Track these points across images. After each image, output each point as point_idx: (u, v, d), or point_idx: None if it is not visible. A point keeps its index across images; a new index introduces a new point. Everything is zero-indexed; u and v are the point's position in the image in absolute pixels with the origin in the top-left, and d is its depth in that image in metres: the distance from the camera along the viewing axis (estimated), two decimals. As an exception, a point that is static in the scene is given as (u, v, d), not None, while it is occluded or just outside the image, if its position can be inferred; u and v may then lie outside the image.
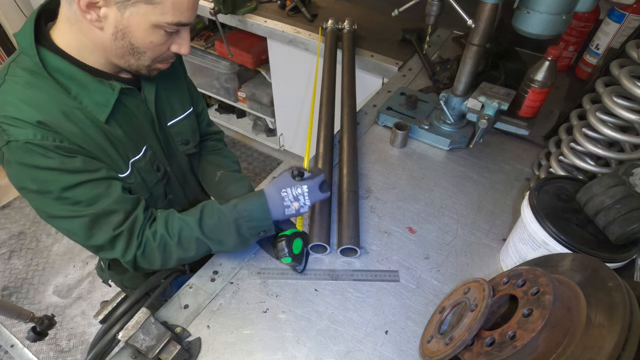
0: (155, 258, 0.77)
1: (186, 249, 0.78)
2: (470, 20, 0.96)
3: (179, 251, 0.78)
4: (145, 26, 0.67)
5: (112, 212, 0.74)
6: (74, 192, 0.70)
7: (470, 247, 0.92)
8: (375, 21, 1.83)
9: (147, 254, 0.77)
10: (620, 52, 0.91)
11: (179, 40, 0.74)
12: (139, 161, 0.83)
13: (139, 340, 0.66)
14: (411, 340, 0.76)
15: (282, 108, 2.34)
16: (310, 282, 0.85)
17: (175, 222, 0.78)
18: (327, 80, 1.34)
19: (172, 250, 0.77)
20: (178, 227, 0.77)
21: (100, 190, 0.73)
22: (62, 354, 1.90)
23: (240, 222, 0.78)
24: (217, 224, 0.78)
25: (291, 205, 0.79)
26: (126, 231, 0.74)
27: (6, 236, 2.38)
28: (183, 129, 0.94)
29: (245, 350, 0.75)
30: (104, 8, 0.64)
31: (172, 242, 0.76)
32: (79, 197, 0.71)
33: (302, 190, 0.79)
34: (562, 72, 1.47)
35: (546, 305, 0.55)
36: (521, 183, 1.08)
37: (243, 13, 1.86)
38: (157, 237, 0.76)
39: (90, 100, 0.73)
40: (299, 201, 0.80)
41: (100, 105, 0.74)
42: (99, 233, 0.73)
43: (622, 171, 0.74)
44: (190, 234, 0.77)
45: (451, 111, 1.14)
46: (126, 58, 0.72)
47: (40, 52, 0.69)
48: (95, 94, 0.73)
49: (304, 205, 0.80)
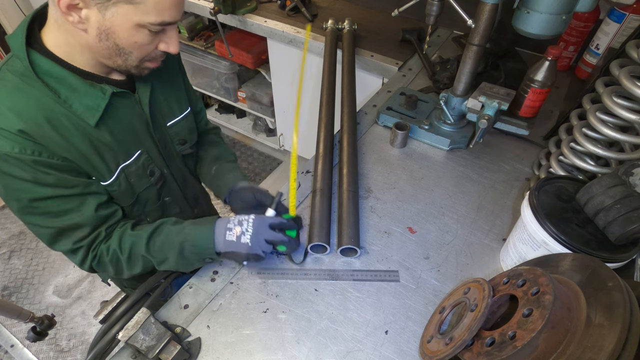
0: (108, 270, 0.82)
1: (133, 265, 0.81)
2: (470, 20, 0.96)
3: (127, 266, 0.81)
4: (128, 26, 0.65)
5: (78, 227, 0.76)
6: (44, 203, 0.72)
7: (470, 247, 0.92)
8: (375, 21, 1.83)
9: (101, 266, 0.81)
10: (620, 52, 0.91)
11: (166, 38, 0.72)
12: (130, 166, 0.82)
13: (139, 340, 0.66)
14: (411, 340, 0.76)
15: (282, 108, 2.34)
16: (310, 282, 0.85)
17: (128, 238, 0.80)
18: (327, 80, 1.33)
19: (123, 265, 0.81)
20: (129, 243, 0.80)
21: (72, 205, 0.74)
22: (62, 354, 1.90)
23: (185, 245, 0.78)
24: (164, 242, 0.79)
25: (233, 229, 0.76)
26: (86, 246, 0.78)
27: (6, 236, 2.38)
28: (181, 130, 0.94)
29: (245, 350, 0.75)
30: (85, 10, 0.62)
31: (122, 257, 0.80)
32: (47, 209, 0.72)
33: (249, 217, 0.78)
34: (562, 72, 1.47)
35: (546, 305, 0.55)
36: (521, 183, 1.08)
37: (243, 13, 1.86)
38: (110, 252, 0.80)
39: (80, 104, 0.72)
40: (242, 226, 0.76)
41: (90, 109, 0.73)
42: (61, 242, 0.77)
43: (622, 171, 0.74)
44: (138, 251, 0.80)
45: (451, 111, 1.14)
46: (114, 59, 0.71)
47: (31, 54, 0.68)
48: (86, 97, 0.72)
49: (245, 232, 0.76)
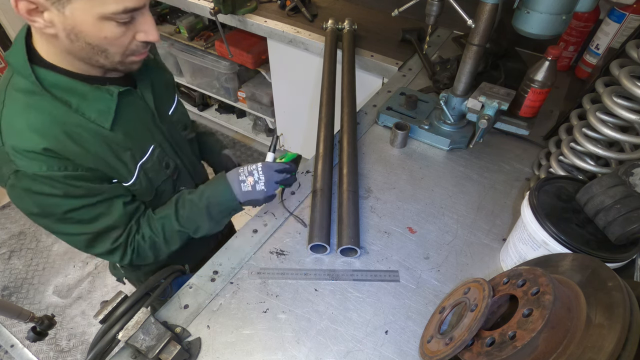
0: (147, 257, 0.86)
1: (171, 243, 0.86)
2: (470, 20, 0.96)
3: (165, 245, 0.86)
4: (91, 22, 0.61)
5: (112, 228, 0.79)
6: (77, 213, 0.74)
7: (470, 247, 0.92)
8: (375, 21, 1.83)
9: (141, 255, 0.85)
10: (620, 52, 0.91)
11: (142, 27, 0.67)
12: (147, 162, 0.84)
13: (139, 340, 0.66)
14: (411, 340, 0.76)
15: (282, 108, 2.34)
16: (310, 282, 0.85)
17: (156, 221, 0.85)
18: (327, 80, 1.33)
19: (161, 246, 0.86)
20: (160, 225, 0.84)
21: (102, 209, 0.77)
22: (62, 354, 1.90)
23: (210, 208, 0.84)
24: (191, 212, 0.84)
25: (246, 179, 0.84)
26: (123, 244, 0.82)
27: (6, 236, 2.38)
28: (181, 116, 0.97)
29: (245, 350, 0.75)
30: (46, 12, 0.60)
31: (159, 239, 0.85)
32: (81, 217, 0.74)
33: (257, 167, 0.85)
34: (562, 72, 1.47)
35: (546, 305, 0.55)
36: (521, 183, 1.08)
37: (243, 13, 1.86)
38: (146, 239, 0.84)
39: (92, 110, 0.72)
40: (254, 176, 0.84)
41: (103, 113, 0.73)
42: (99, 246, 0.80)
43: (622, 171, 0.74)
44: (171, 228, 0.85)
45: (451, 111, 1.14)
46: (95, 58, 0.68)
47: (34, 70, 0.67)
48: (95, 102, 0.72)
49: (258, 180, 0.84)
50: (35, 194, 0.69)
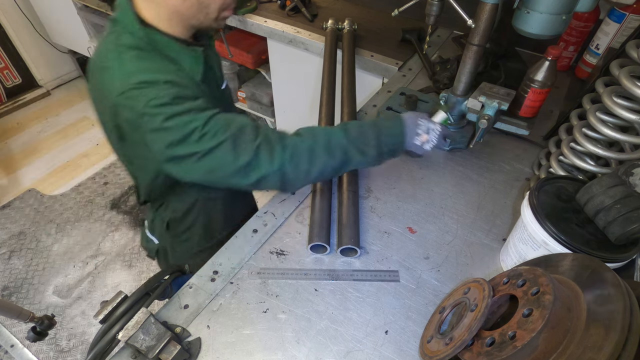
0: (301, 161, 0.78)
1: (332, 154, 0.80)
2: (470, 20, 0.96)
3: (324, 156, 0.79)
4: None
5: (243, 126, 0.78)
6: (211, 124, 0.75)
7: (470, 247, 0.92)
8: (375, 21, 1.83)
9: (296, 156, 0.78)
10: (620, 52, 0.91)
11: None
12: None
13: (139, 340, 0.66)
14: (411, 340, 0.76)
15: (282, 108, 2.34)
16: (310, 282, 0.85)
17: (321, 131, 0.82)
18: (327, 80, 1.33)
19: (319, 153, 0.79)
20: (324, 134, 0.81)
21: (227, 116, 0.79)
22: (62, 354, 1.90)
23: (382, 137, 0.83)
24: (360, 135, 0.82)
25: (421, 135, 0.85)
26: (264, 141, 0.77)
27: (6, 236, 2.38)
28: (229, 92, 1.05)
29: (245, 350, 0.75)
30: None
31: (318, 146, 0.79)
32: (215, 128, 0.75)
33: (435, 128, 0.87)
34: (562, 72, 1.47)
35: (546, 305, 0.55)
36: (521, 183, 1.08)
37: (243, 13, 1.86)
38: (306, 141, 0.79)
39: (187, 64, 0.82)
40: (429, 135, 0.86)
41: (194, 67, 0.84)
42: (242, 150, 0.76)
43: (622, 171, 0.74)
44: (336, 140, 0.80)
45: (451, 111, 1.14)
46: (197, 16, 0.80)
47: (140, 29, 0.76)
48: (188, 58, 0.83)
49: (430, 141, 0.86)
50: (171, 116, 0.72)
